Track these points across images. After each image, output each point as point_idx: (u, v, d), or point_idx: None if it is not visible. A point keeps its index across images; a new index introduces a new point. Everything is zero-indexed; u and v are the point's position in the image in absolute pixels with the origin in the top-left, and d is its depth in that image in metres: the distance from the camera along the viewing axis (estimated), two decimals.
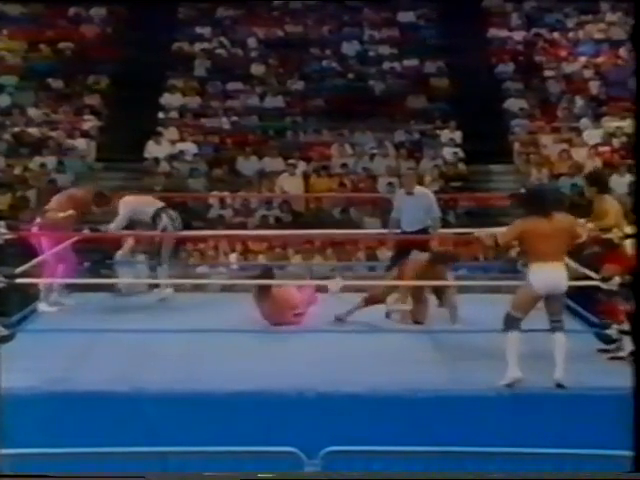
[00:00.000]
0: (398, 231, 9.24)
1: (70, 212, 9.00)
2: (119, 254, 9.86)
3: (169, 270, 9.85)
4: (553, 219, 6.90)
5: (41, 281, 8.78)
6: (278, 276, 8.89)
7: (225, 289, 10.99)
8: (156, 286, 9.95)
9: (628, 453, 4.74)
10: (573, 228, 7.02)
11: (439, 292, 8.80)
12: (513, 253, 10.52)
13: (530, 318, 6.94)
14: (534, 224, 6.88)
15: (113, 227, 9.40)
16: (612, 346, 7.52)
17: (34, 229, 9.06)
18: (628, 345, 7.20)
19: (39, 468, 5.48)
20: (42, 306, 8.87)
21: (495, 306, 7.36)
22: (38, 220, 9.13)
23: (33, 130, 17.29)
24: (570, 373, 6.83)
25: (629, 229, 7.56)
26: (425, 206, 9.23)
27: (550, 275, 6.79)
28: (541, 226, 6.84)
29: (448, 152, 17.06)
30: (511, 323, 6.83)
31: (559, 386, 6.75)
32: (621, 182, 15.59)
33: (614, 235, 7.74)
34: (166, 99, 18.39)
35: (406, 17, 20.44)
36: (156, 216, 9.44)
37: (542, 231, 6.81)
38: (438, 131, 17.64)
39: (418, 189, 9.41)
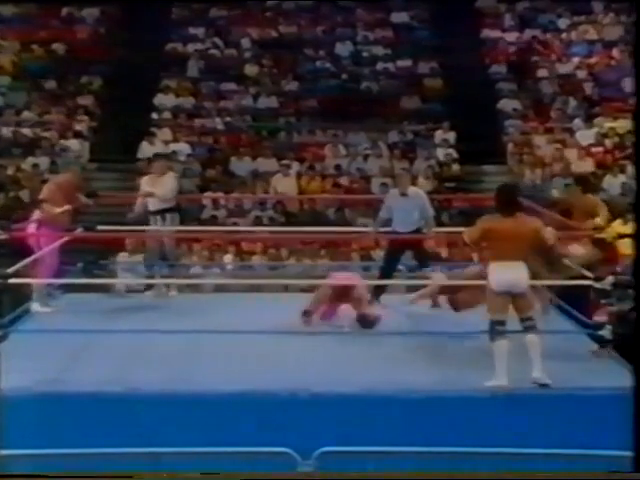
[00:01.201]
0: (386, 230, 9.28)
1: (66, 207, 9.04)
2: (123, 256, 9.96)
3: (163, 270, 9.88)
4: (517, 219, 6.90)
5: (35, 281, 8.75)
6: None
7: (219, 290, 10.99)
8: (149, 287, 9.97)
9: (628, 453, 4.73)
10: (538, 232, 6.97)
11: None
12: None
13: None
14: (497, 223, 6.88)
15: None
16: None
17: (33, 225, 9.04)
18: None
19: (34, 468, 5.48)
20: (35, 307, 8.85)
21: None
22: (36, 215, 9.12)
23: (26, 130, 17.26)
24: (565, 373, 6.85)
25: (623, 229, 7.58)
26: (419, 207, 9.24)
27: (507, 274, 6.80)
28: (504, 225, 6.84)
29: (442, 153, 17.07)
30: (494, 329, 6.83)
31: (542, 385, 6.75)
32: (614, 183, 15.63)
33: (607, 235, 7.76)
34: (159, 100, 18.37)
35: (399, 18, 20.44)
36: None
37: (504, 230, 6.81)
38: (432, 132, 17.65)
39: (411, 190, 9.41)
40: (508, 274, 6.80)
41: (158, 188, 9.79)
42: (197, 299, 10.17)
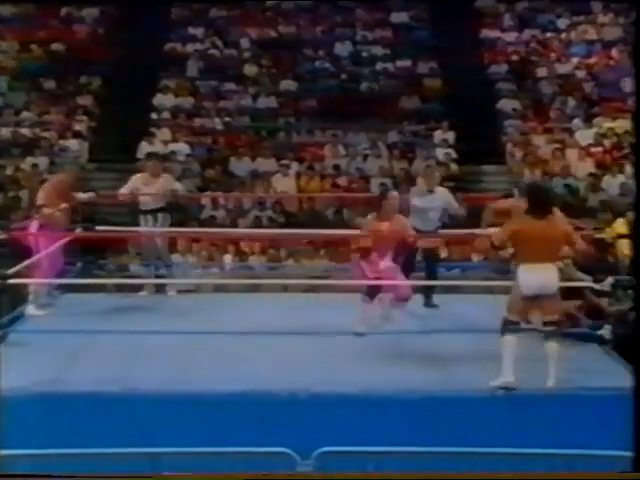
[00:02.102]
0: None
1: (64, 206, 9.02)
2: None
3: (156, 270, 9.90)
4: (548, 221, 6.82)
5: (34, 281, 8.73)
6: None
7: (218, 290, 10.99)
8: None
9: (628, 453, 4.73)
10: (568, 234, 6.90)
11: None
12: (506, 253, 10.53)
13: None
14: (527, 225, 6.81)
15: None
16: None
17: (33, 226, 9.02)
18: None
19: (33, 468, 5.47)
20: (30, 310, 8.76)
21: (489, 307, 7.36)
22: (36, 217, 9.11)
23: (25, 131, 17.25)
24: (565, 374, 6.84)
25: (623, 229, 7.59)
26: (444, 204, 9.24)
27: (538, 276, 6.72)
28: (534, 227, 6.76)
29: (441, 152, 17.07)
30: (506, 327, 6.79)
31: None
32: (613, 183, 15.63)
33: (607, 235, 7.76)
34: (159, 100, 18.36)
35: (399, 18, 20.44)
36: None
37: (534, 232, 6.73)
38: (431, 132, 17.64)
39: (437, 187, 9.38)
40: (538, 276, 6.71)
41: (150, 189, 9.72)
42: (196, 299, 10.16)
